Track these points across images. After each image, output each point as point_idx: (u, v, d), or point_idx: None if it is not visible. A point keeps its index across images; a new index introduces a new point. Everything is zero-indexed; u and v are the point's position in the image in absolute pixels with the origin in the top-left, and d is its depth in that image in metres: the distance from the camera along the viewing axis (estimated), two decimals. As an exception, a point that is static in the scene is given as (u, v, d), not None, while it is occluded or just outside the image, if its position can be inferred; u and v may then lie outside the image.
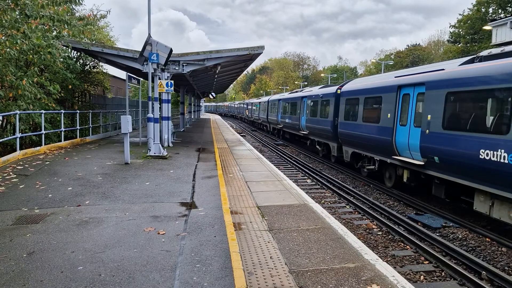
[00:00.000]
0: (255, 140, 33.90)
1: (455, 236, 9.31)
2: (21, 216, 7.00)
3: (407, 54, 75.50)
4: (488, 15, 46.65)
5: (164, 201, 8.26)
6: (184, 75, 19.11)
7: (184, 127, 31.21)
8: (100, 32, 23.12)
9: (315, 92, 23.05)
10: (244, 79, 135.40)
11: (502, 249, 8.47)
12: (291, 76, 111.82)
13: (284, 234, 6.31)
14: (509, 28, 15.33)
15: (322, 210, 7.84)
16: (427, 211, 11.37)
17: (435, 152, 10.62)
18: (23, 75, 13.85)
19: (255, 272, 4.84)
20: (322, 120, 20.89)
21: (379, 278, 4.72)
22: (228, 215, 7.23)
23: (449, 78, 10.41)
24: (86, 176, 10.56)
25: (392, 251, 8.46)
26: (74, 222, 6.72)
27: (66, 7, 13.89)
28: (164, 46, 14.37)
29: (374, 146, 14.48)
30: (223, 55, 17.50)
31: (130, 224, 6.64)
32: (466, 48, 49.84)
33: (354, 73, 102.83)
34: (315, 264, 5.13)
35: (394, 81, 13.51)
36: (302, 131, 25.19)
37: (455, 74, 10.24)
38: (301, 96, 25.76)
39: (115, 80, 40.99)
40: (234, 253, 5.39)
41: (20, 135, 13.30)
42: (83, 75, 21.32)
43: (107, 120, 24.36)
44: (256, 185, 10.15)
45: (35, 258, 5.16)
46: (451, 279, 7.13)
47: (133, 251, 5.44)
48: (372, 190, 14.33)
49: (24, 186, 9.29)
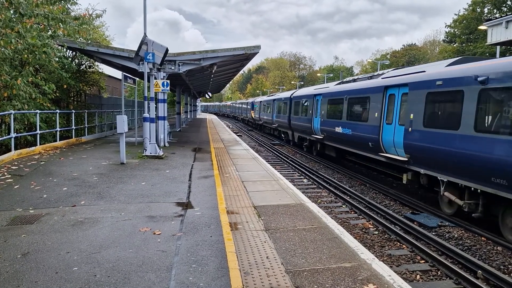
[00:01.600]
0: (251, 140, 33.88)
1: (451, 235, 9.33)
2: (15, 217, 6.95)
3: (403, 54, 75.74)
4: (483, 15, 46.87)
5: (160, 201, 8.22)
6: (180, 75, 19.04)
7: (180, 127, 31.14)
8: (96, 31, 23.03)
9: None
10: (241, 79, 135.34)
11: (497, 248, 8.50)
12: (288, 76, 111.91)
13: (280, 233, 6.30)
14: (504, 28, 15.40)
15: (319, 209, 7.83)
16: (423, 211, 11.40)
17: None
18: (18, 74, 13.76)
19: (251, 272, 4.82)
20: None
21: (376, 277, 4.71)
22: (225, 215, 7.21)
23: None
24: (81, 176, 10.51)
25: (389, 250, 8.47)
26: (69, 222, 6.68)
27: (62, 6, 13.84)
28: (160, 46, 14.32)
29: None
30: (219, 54, 17.45)
31: (125, 224, 6.60)
32: (461, 48, 50.01)
33: (350, 72, 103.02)
34: (311, 263, 5.12)
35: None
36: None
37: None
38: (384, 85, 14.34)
39: (111, 80, 40.86)
40: (230, 253, 5.37)
41: (14, 135, 13.21)
42: (79, 75, 21.21)
43: (103, 120, 24.26)
44: (252, 185, 10.13)
45: (30, 259, 5.12)
46: (447, 278, 7.14)
47: (128, 252, 5.41)
48: (368, 190, 14.34)
49: (19, 186, 9.23)
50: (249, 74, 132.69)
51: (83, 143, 18.69)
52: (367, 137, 14.63)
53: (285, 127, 28.78)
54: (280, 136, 32.70)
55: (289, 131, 28.01)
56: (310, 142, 23.18)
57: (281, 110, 29.91)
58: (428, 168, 11.02)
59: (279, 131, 32.77)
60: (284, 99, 29.23)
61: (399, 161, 12.39)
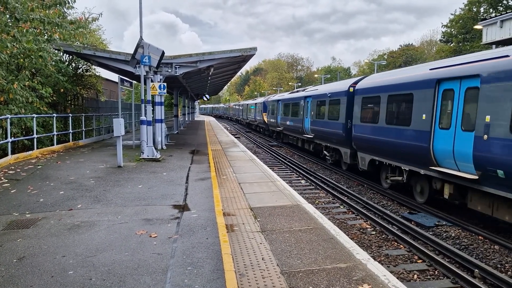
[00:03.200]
0: (249, 141, 33.89)
1: (448, 234, 9.34)
2: (12, 221, 6.94)
3: (400, 54, 75.84)
4: (479, 15, 47.02)
5: (156, 204, 8.22)
6: (177, 77, 19.06)
7: (178, 129, 31.14)
8: (92, 35, 23.05)
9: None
10: (238, 81, 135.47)
11: (494, 247, 8.51)
12: (285, 77, 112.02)
13: (276, 235, 6.30)
14: (499, 27, 15.45)
15: (315, 210, 7.84)
16: (420, 210, 11.41)
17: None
18: (14, 79, 13.75)
19: (247, 273, 4.83)
20: None
21: (371, 278, 4.72)
22: (221, 217, 7.22)
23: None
24: (78, 180, 10.50)
25: (386, 250, 8.48)
26: (66, 226, 6.67)
27: (58, 10, 13.83)
28: (156, 49, 14.34)
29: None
30: (216, 56, 17.49)
31: (122, 228, 6.60)
32: (458, 48, 50.13)
33: (347, 73, 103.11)
34: (307, 264, 5.12)
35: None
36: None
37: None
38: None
39: (108, 83, 40.88)
40: (226, 255, 5.37)
41: (11, 139, 13.20)
42: (76, 79, 21.21)
43: (101, 123, 24.25)
44: (249, 187, 10.14)
45: (26, 263, 5.11)
46: (444, 278, 7.15)
47: (124, 255, 5.41)
48: (366, 190, 14.36)
49: (16, 190, 9.22)
50: (246, 76, 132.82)
51: (80, 146, 18.68)
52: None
53: (336, 140, 17.98)
54: (317, 152, 21.58)
55: (346, 148, 17.15)
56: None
57: (325, 114, 19.21)
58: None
59: (315, 145, 21.60)
60: (335, 94, 18.20)
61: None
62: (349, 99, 16.44)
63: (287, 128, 27.77)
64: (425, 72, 11.51)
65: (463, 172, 9.54)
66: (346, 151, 16.83)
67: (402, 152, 12.26)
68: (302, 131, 23.24)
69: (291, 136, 27.28)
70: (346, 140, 16.61)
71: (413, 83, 11.89)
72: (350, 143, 16.09)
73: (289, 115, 26.77)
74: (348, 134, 16.21)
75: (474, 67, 9.40)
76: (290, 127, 26.46)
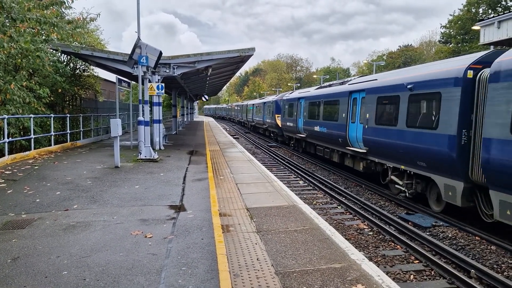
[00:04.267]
0: (248, 142, 33.88)
1: (445, 235, 9.34)
2: (7, 222, 6.92)
3: (399, 54, 75.92)
4: (478, 15, 47.06)
5: (153, 204, 8.21)
6: (176, 78, 19.06)
7: (176, 130, 31.13)
8: (90, 35, 23.01)
9: None
10: (238, 82, 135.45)
11: (491, 247, 8.51)
12: (285, 77, 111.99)
13: (272, 235, 6.29)
14: (497, 28, 15.47)
15: (311, 211, 7.83)
16: (418, 211, 11.41)
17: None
18: (11, 79, 13.73)
19: (241, 274, 4.82)
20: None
21: (365, 278, 4.71)
22: (217, 218, 7.20)
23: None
24: (75, 180, 10.48)
25: (383, 251, 8.47)
26: (61, 226, 6.65)
27: (55, 10, 13.83)
28: (154, 49, 14.33)
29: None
30: (214, 57, 17.47)
31: (117, 228, 6.59)
32: (457, 48, 50.19)
33: (347, 74, 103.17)
34: (301, 265, 5.11)
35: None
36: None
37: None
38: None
39: (107, 84, 40.79)
40: (220, 255, 5.36)
41: (8, 140, 13.18)
42: (74, 79, 21.19)
43: (99, 124, 24.22)
44: (246, 187, 10.13)
45: (20, 264, 5.10)
46: (441, 278, 7.15)
47: (119, 255, 5.40)
48: (364, 191, 14.35)
49: (12, 191, 9.20)
50: (246, 76, 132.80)
51: (78, 147, 18.65)
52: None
53: (430, 162, 10.90)
54: (369, 172, 15.17)
55: (451, 179, 10.33)
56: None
57: (401, 118, 12.20)
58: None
59: (368, 163, 14.85)
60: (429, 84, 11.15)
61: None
62: (467, 91, 9.54)
63: (314, 136, 21.10)
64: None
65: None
66: (452, 184, 10.05)
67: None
68: (344, 142, 16.47)
69: (320, 147, 20.33)
70: (454, 165, 9.81)
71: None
72: (465, 171, 9.61)
73: (319, 117, 20.09)
74: (462, 155, 9.60)
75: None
76: (321, 134, 19.73)
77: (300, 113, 23.99)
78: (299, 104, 24.38)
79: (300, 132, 23.96)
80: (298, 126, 24.27)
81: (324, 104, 19.67)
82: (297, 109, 24.69)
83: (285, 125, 27.68)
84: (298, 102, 24.74)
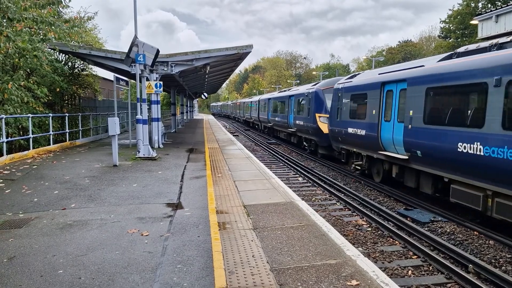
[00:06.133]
0: (248, 139, 33.85)
1: (443, 230, 9.33)
2: (5, 221, 6.92)
3: (398, 50, 75.81)
4: (477, 10, 46.89)
5: (150, 202, 8.21)
6: (174, 76, 19.03)
7: (175, 128, 31.11)
8: (88, 34, 22.98)
9: None
10: (237, 79, 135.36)
11: (489, 242, 8.50)
12: (284, 74, 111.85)
13: (268, 232, 6.29)
14: (494, 22, 15.41)
15: (308, 207, 7.82)
16: (416, 206, 11.40)
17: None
18: (9, 79, 13.72)
19: (236, 271, 4.82)
20: None
21: (359, 274, 4.71)
22: (214, 215, 7.20)
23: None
24: (73, 179, 10.49)
25: (381, 246, 8.46)
26: (58, 225, 6.66)
27: (52, 9, 13.79)
28: (151, 47, 14.30)
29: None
30: (212, 54, 17.45)
31: (114, 226, 6.59)
32: (457, 43, 50.04)
33: (346, 70, 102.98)
34: (296, 261, 5.11)
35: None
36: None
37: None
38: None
39: (106, 83, 40.78)
40: (216, 252, 5.36)
41: (6, 139, 13.17)
42: (72, 78, 21.18)
43: (98, 123, 24.22)
44: (244, 184, 10.12)
45: (16, 263, 5.10)
46: (439, 273, 7.14)
47: (115, 253, 5.40)
48: (363, 187, 14.34)
49: (10, 190, 9.20)
50: (245, 73, 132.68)
51: (77, 146, 18.65)
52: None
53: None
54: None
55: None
56: None
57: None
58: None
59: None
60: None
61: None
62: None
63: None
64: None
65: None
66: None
67: None
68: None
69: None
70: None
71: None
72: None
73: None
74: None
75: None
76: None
77: (386, 112, 13.11)
78: (382, 96, 13.33)
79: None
80: (389, 138, 12.79)
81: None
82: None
83: (341, 131, 16.33)
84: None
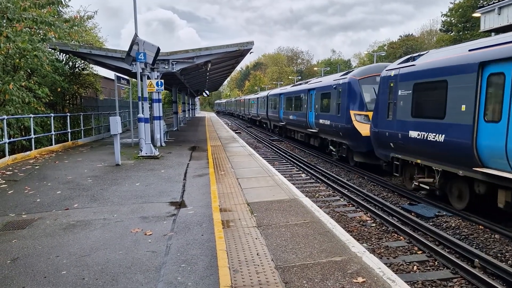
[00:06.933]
0: (250, 136, 33.80)
1: (448, 225, 9.27)
2: (8, 222, 6.90)
3: (400, 44, 75.36)
4: (479, 3, 46.56)
5: (153, 201, 8.17)
6: (175, 74, 18.98)
7: (177, 126, 31.08)
8: (88, 33, 22.95)
9: None
10: (239, 76, 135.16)
11: (495, 236, 8.44)
12: (286, 71, 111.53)
13: (272, 230, 6.24)
14: (497, 14, 15.26)
15: (312, 204, 7.77)
16: (420, 201, 11.33)
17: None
18: (10, 79, 13.68)
19: (241, 269, 4.78)
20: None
21: (365, 270, 4.66)
22: (217, 213, 7.16)
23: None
24: (75, 179, 10.46)
25: (386, 242, 8.42)
26: (61, 226, 6.63)
27: (52, 9, 13.73)
28: (151, 45, 14.24)
29: None
30: (213, 52, 17.39)
31: (117, 226, 6.55)
32: (458, 37, 49.75)
33: (348, 65, 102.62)
34: (301, 259, 5.06)
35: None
36: None
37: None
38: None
39: (107, 82, 40.76)
40: (220, 251, 5.32)
41: (8, 140, 13.16)
42: (73, 77, 21.15)
43: (100, 122, 24.20)
44: (247, 182, 10.08)
45: (19, 264, 5.07)
46: (444, 268, 7.10)
47: (118, 253, 5.37)
48: (366, 182, 14.28)
49: (13, 191, 9.18)
50: (247, 70, 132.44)
51: (79, 146, 18.64)
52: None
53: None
54: None
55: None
56: None
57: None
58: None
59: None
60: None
61: None
62: None
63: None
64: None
65: None
66: None
67: None
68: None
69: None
70: None
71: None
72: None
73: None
74: None
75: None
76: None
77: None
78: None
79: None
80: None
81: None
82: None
83: (396, 134, 12.23)
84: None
